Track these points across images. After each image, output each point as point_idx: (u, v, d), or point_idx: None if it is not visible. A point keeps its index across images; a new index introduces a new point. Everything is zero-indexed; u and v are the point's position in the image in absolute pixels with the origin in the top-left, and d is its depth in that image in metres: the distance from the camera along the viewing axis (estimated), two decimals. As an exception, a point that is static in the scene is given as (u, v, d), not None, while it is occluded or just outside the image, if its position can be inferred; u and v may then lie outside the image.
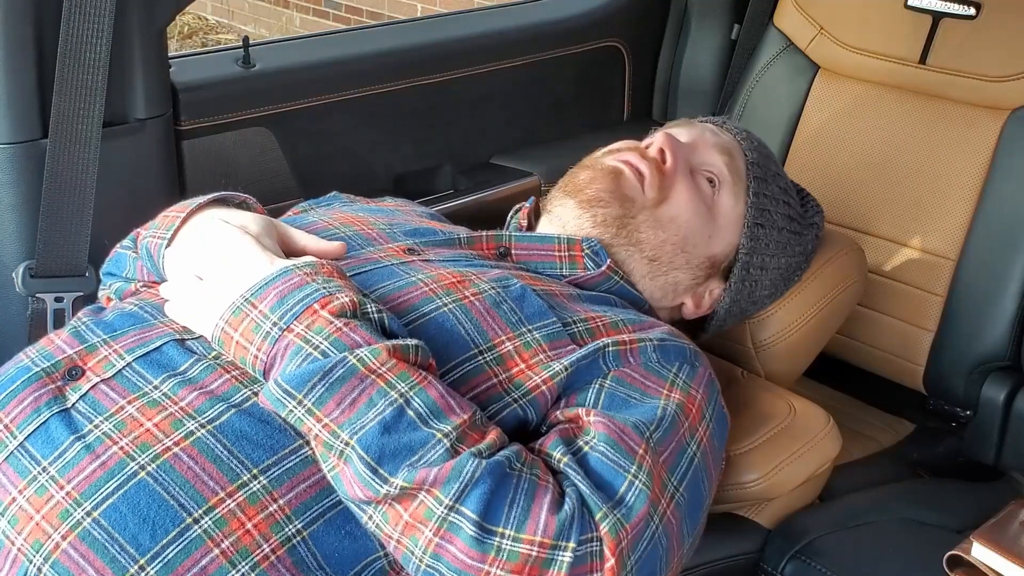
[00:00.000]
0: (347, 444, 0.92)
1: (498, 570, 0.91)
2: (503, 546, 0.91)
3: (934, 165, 1.75)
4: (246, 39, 1.74)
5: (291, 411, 0.94)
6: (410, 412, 0.93)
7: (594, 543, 0.94)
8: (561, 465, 0.99)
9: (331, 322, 0.96)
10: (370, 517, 0.94)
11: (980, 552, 1.30)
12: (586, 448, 1.01)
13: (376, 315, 1.00)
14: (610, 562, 0.94)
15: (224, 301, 1.01)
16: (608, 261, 1.27)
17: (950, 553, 1.31)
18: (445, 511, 0.91)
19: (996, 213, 1.67)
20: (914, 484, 1.65)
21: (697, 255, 1.34)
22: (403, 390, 0.94)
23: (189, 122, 1.60)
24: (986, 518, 1.37)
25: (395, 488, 0.91)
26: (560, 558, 0.92)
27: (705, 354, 1.23)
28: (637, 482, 0.99)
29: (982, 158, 1.70)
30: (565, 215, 1.32)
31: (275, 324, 0.97)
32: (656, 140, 1.34)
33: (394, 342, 0.97)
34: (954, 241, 1.71)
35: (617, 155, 1.34)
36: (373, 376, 0.94)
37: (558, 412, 1.07)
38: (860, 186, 1.81)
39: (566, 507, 0.94)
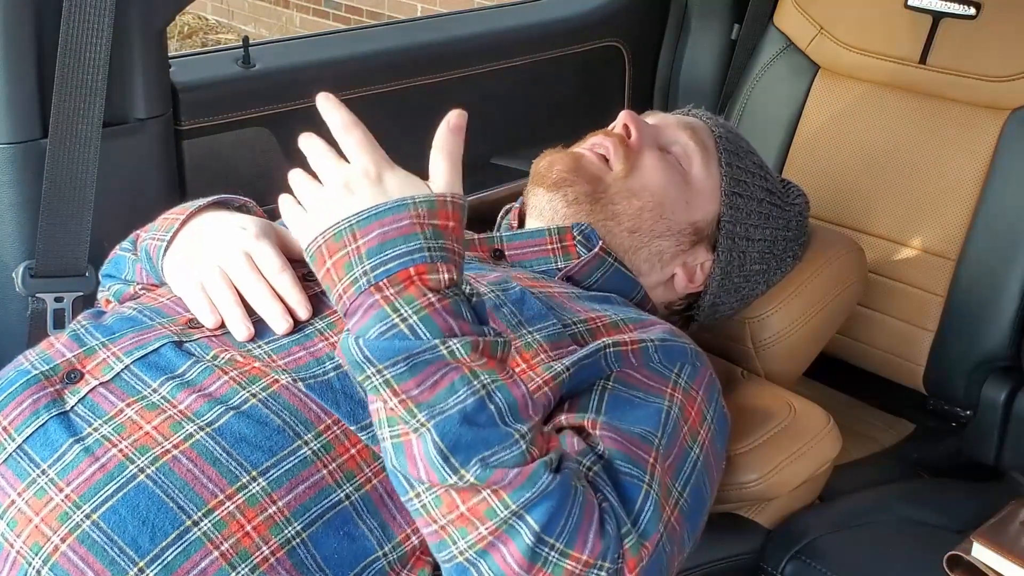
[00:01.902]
0: (423, 425, 0.88)
1: None
2: (551, 559, 0.90)
3: (934, 165, 1.75)
4: (246, 39, 1.74)
5: (368, 378, 0.89)
6: (491, 407, 0.90)
7: (620, 560, 0.94)
8: (591, 475, 0.98)
9: (424, 294, 0.90)
10: (417, 496, 0.91)
11: (980, 552, 1.30)
12: (604, 460, 1.00)
13: (470, 296, 0.95)
14: None
15: (334, 215, 0.94)
16: (600, 243, 1.29)
17: (950, 553, 1.31)
18: (509, 515, 0.89)
19: (996, 213, 1.67)
20: (914, 484, 1.65)
21: (678, 221, 1.35)
22: (486, 382, 0.90)
23: (189, 122, 1.60)
24: (986, 518, 1.37)
25: (463, 481, 0.88)
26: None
27: (706, 354, 1.23)
28: (652, 493, 0.99)
29: (982, 158, 1.70)
30: (540, 204, 1.34)
31: (365, 273, 0.90)
32: (619, 118, 1.37)
33: (485, 339, 0.91)
34: (954, 241, 1.71)
35: (582, 143, 1.37)
36: (460, 364, 0.90)
37: (562, 417, 1.06)
38: (860, 186, 1.81)
39: (608, 529, 0.94)
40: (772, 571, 1.39)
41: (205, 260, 1.10)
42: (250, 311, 1.07)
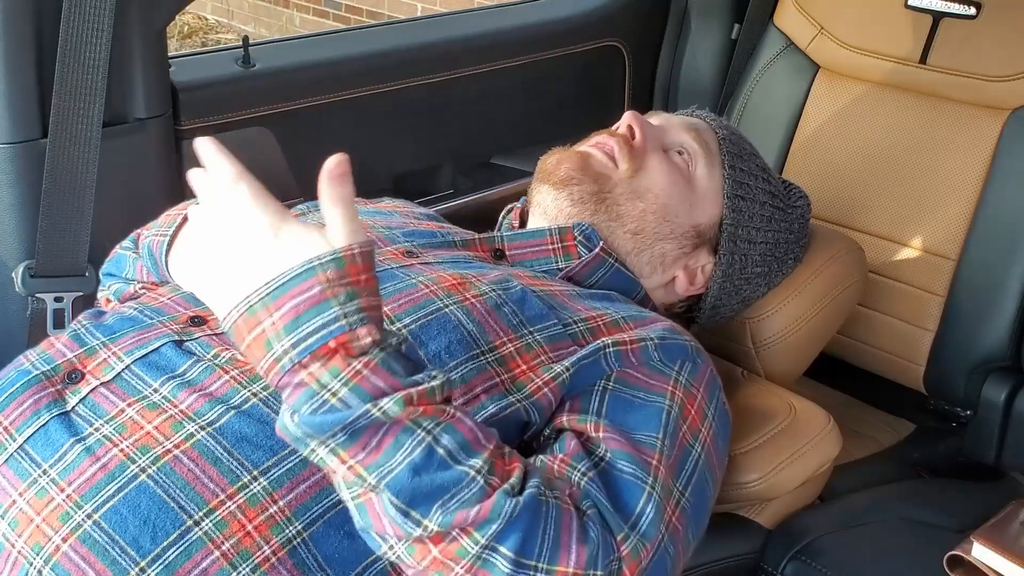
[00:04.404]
0: (376, 486, 0.87)
1: None
2: None
3: (934, 165, 1.75)
4: (246, 39, 1.73)
5: (312, 451, 0.87)
6: (440, 451, 0.87)
7: (615, 563, 0.94)
8: (584, 482, 0.98)
9: (349, 364, 0.85)
10: (391, 548, 0.90)
11: (980, 552, 1.30)
12: (603, 464, 1.01)
13: (398, 346, 0.89)
14: None
15: (246, 284, 0.88)
16: (601, 243, 1.29)
17: (950, 553, 1.32)
18: (480, 550, 0.88)
19: (996, 213, 1.67)
20: (914, 484, 1.65)
21: (681, 224, 1.35)
22: (430, 428, 0.87)
23: (189, 122, 1.60)
24: (986, 518, 1.38)
25: (428, 531, 0.87)
26: None
27: (706, 351, 1.23)
28: (654, 494, 0.99)
29: (982, 158, 1.70)
30: (545, 201, 1.34)
31: (287, 353, 0.85)
32: (624, 119, 1.36)
33: (418, 389, 0.87)
34: (954, 241, 1.71)
35: (586, 142, 1.37)
36: (398, 420, 0.87)
37: (564, 419, 1.06)
38: (860, 186, 1.81)
39: (591, 534, 0.93)
40: (772, 571, 1.39)
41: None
42: None
